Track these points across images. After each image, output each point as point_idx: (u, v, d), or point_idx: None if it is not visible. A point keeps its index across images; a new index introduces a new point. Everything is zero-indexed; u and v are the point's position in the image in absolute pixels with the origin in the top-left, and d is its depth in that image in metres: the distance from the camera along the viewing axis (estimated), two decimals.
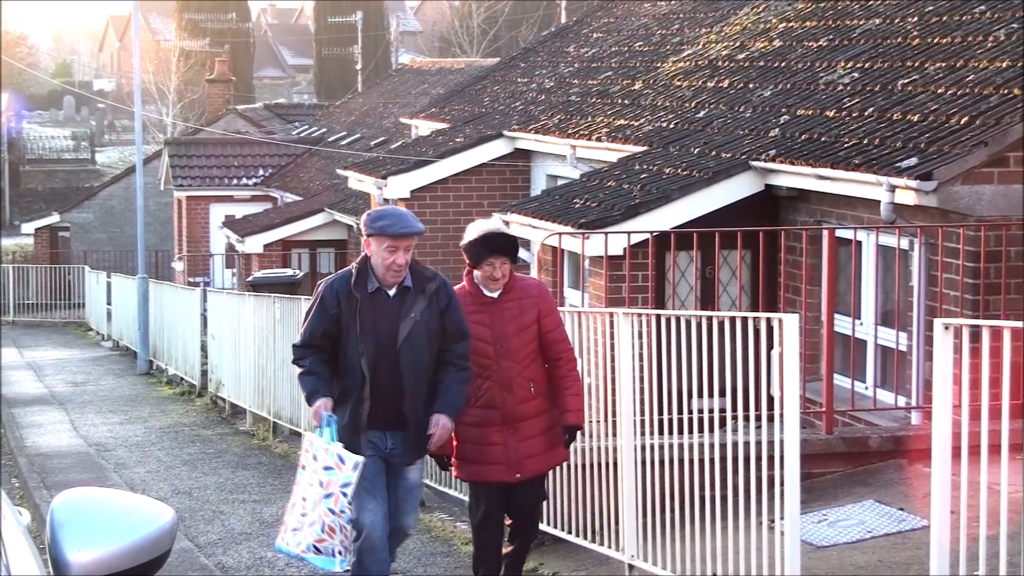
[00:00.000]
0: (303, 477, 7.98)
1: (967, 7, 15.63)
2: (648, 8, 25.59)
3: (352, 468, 7.90)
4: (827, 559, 9.27)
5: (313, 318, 8.26)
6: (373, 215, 8.26)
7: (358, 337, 8.13)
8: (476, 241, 8.69)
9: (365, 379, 8.13)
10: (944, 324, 7.28)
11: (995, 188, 12.21)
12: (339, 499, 7.88)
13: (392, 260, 8.13)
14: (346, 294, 8.20)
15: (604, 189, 16.22)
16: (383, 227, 8.15)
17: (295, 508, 7.98)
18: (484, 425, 8.64)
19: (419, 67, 44.81)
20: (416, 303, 8.24)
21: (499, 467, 8.63)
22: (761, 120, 16.20)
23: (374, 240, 8.16)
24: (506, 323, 8.64)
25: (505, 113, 23.74)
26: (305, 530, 7.89)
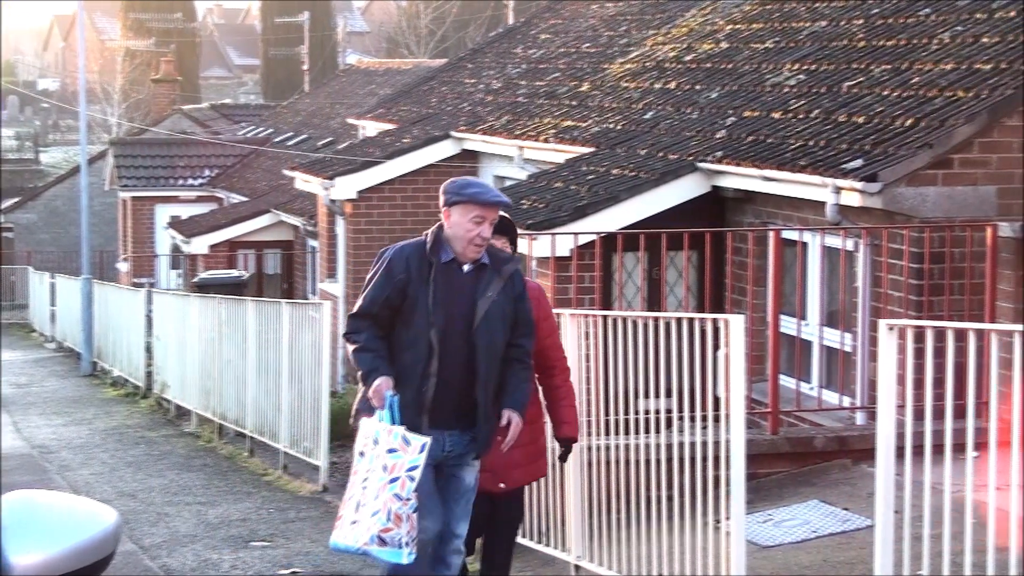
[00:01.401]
0: (362, 464, 7.30)
1: (912, 10, 15.72)
2: (596, 10, 25.62)
3: (419, 450, 7.23)
4: (772, 559, 9.29)
5: (376, 285, 7.53)
6: (459, 183, 7.65)
7: (429, 308, 7.44)
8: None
9: (433, 353, 7.43)
10: (888, 325, 7.32)
11: (939, 190, 12.28)
12: (406, 483, 7.18)
13: (477, 232, 7.47)
14: (418, 260, 7.51)
15: (551, 190, 16.23)
16: (474, 194, 7.52)
17: (351, 500, 7.28)
18: None
19: (366, 68, 44.72)
20: (492, 283, 7.56)
21: (484, 475, 7.93)
22: (708, 121, 16.25)
23: (459, 208, 7.49)
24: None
25: (453, 114, 23.73)
26: (366, 520, 7.16)
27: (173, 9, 74.60)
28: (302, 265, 30.49)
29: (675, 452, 8.61)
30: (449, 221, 7.55)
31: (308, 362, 15.14)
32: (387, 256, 7.63)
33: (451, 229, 7.54)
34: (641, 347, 8.86)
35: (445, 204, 7.57)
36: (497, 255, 7.67)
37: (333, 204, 22.52)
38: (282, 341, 15.86)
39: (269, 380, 16.39)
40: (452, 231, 7.53)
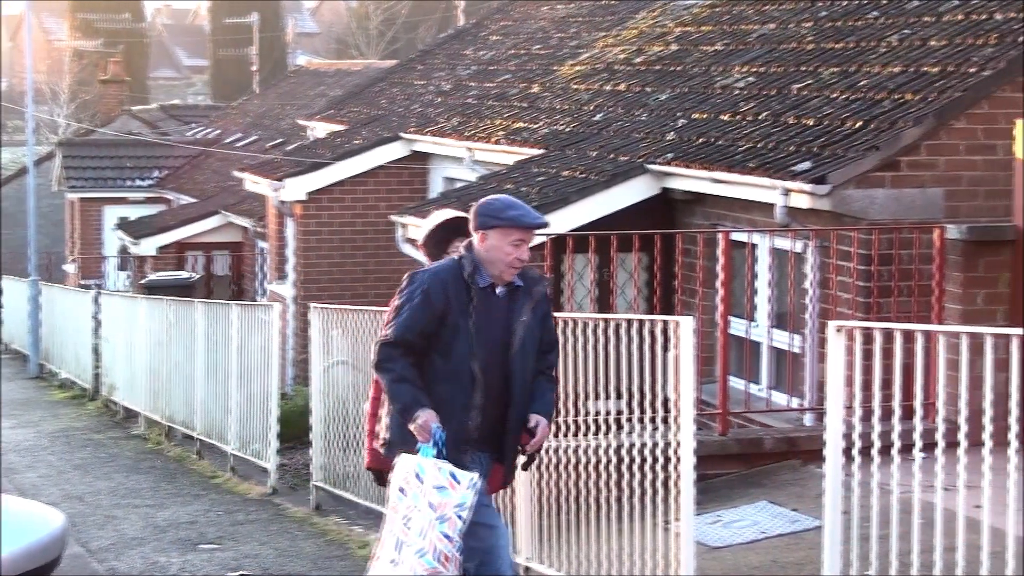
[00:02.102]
0: (404, 502, 6.96)
1: (860, 13, 15.79)
2: (546, 11, 25.64)
3: (468, 487, 6.93)
4: (722, 560, 9.32)
5: (414, 311, 7.18)
6: (496, 205, 7.31)
7: (472, 337, 7.19)
8: (440, 226, 7.90)
9: (476, 384, 7.19)
10: (836, 326, 7.34)
11: (887, 192, 12.35)
12: (455, 522, 6.88)
13: (516, 255, 7.22)
14: (456, 286, 7.22)
15: (502, 192, 16.22)
16: (515, 217, 7.24)
17: (390, 537, 6.98)
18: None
19: (316, 68, 44.62)
20: (524, 305, 7.35)
21: None
22: (658, 123, 16.28)
23: (497, 232, 7.20)
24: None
25: (403, 115, 23.70)
26: (410, 560, 6.86)
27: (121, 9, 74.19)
28: (251, 267, 30.39)
29: (625, 453, 8.61)
30: (485, 244, 7.25)
31: (257, 364, 15.09)
32: (422, 281, 7.28)
33: (488, 252, 7.24)
34: (591, 349, 8.86)
35: (480, 227, 7.26)
36: (528, 275, 7.42)
37: (283, 205, 22.45)
38: (231, 343, 15.80)
39: (218, 382, 16.33)
40: (488, 254, 7.25)
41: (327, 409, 13.36)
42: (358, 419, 12.59)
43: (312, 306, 14.04)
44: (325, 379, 13.43)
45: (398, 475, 7.01)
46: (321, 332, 13.57)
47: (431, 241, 7.90)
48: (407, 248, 17.99)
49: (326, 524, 12.51)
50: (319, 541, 11.79)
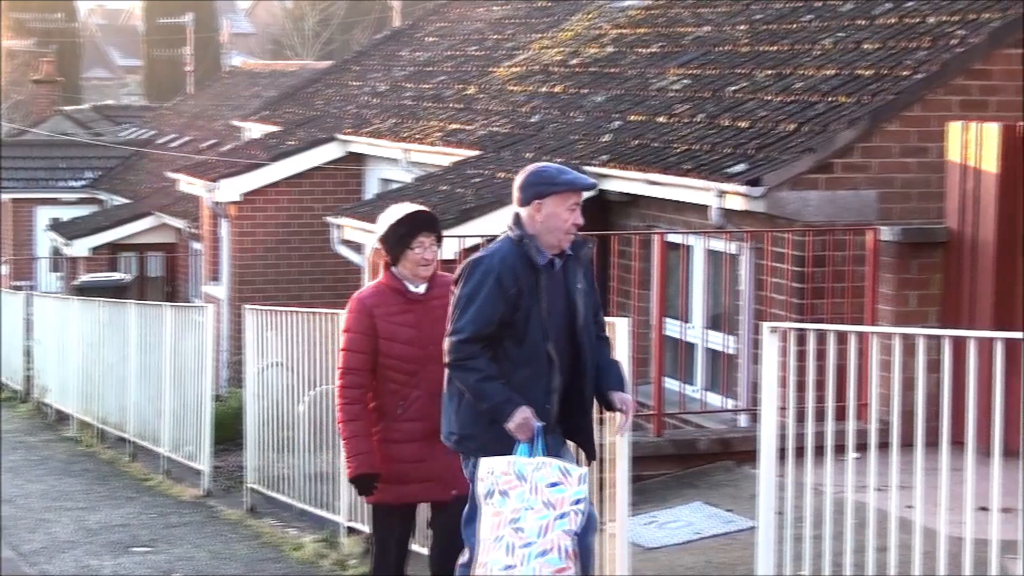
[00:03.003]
0: (507, 506, 6.65)
1: (795, 16, 15.87)
2: (482, 13, 25.64)
3: (579, 481, 6.67)
4: (656, 561, 9.33)
5: (486, 302, 6.85)
6: (549, 171, 7.03)
7: (545, 318, 6.89)
8: (402, 221, 7.60)
9: (554, 367, 6.89)
10: (771, 327, 7.37)
11: (821, 194, 12.41)
12: (576, 518, 6.62)
13: (573, 221, 6.95)
14: (523, 267, 6.90)
15: (437, 193, 16.20)
16: (572, 180, 6.97)
17: (498, 543, 6.65)
18: (411, 440, 7.60)
19: (251, 69, 44.43)
20: (576, 272, 7.08)
21: (431, 484, 7.64)
22: (593, 125, 16.30)
23: (554, 199, 6.90)
24: (434, 324, 7.47)
25: (338, 116, 23.63)
26: (533, 562, 6.53)
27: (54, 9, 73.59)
28: (185, 268, 30.22)
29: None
30: (541, 213, 6.92)
31: (191, 366, 15.00)
32: (489, 268, 6.92)
33: (545, 221, 6.92)
34: None
35: (535, 197, 6.92)
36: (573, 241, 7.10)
37: (217, 206, 22.34)
38: (164, 345, 15.70)
39: (151, 384, 16.22)
40: (547, 223, 6.93)
41: (262, 411, 13.28)
42: (293, 421, 12.54)
43: (246, 307, 13.96)
44: (260, 381, 13.36)
45: (488, 479, 6.74)
46: (256, 334, 13.50)
47: (393, 236, 7.63)
48: (343, 249, 17.94)
49: (260, 526, 12.44)
50: (253, 543, 11.72)
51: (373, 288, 7.76)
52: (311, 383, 12.05)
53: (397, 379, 7.61)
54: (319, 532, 11.47)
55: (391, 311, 7.61)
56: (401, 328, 7.59)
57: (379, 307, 7.63)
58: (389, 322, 7.60)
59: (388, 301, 7.64)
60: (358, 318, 7.67)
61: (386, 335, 7.59)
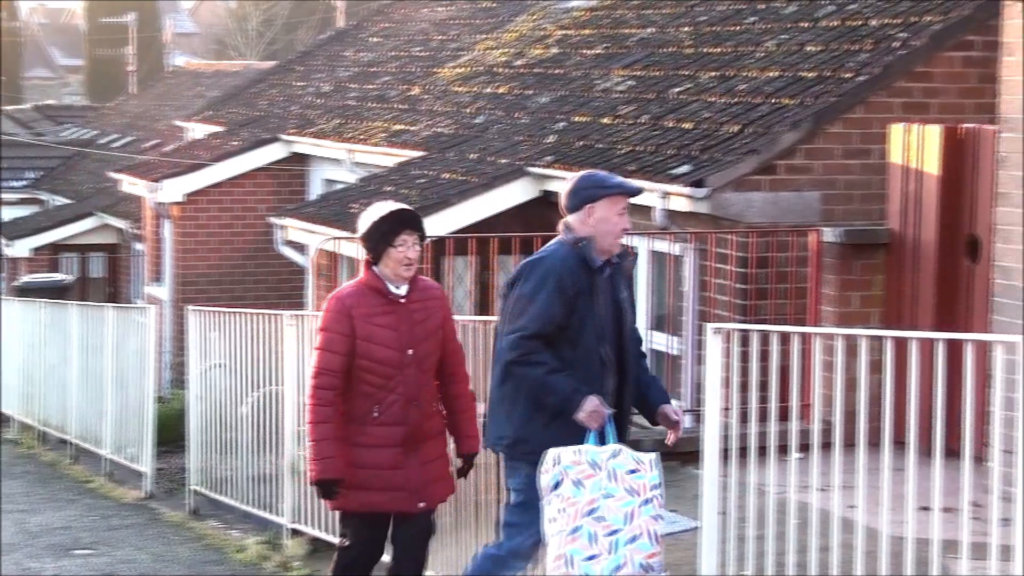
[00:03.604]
0: (582, 496, 6.61)
1: (739, 18, 15.93)
2: (426, 13, 25.60)
3: (652, 466, 6.75)
4: None
5: (546, 302, 6.89)
6: (599, 176, 7.19)
7: (600, 321, 6.97)
8: (385, 218, 7.46)
9: (607, 370, 6.97)
10: (714, 328, 7.39)
11: (765, 195, 12.45)
12: (658, 502, 6.68)
13: (623, 225, 7.08)
14: (580, 269, 6.97)
15: (382, 194, 16.16)
16: (621, 184, 7.15)
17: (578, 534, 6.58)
18: (384, 446, 7.43)
19: (195, 69, 44.22)
20: (620, 281, 7.17)
21: (400, 494, 7.48)
22: (538, 126, 16.31)
23: (605, 203, 7.04)
24: (414, 327, 7.47)
25: (282, 117, 23.54)
26: (622, 549, 6.54)
27: None
28: (128, 269, 30.04)
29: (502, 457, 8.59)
30: (592, 218, 7.05)
31: (133, 367, 14.92)
32: (550, 269, 6.99)
33: (596, 226, 7.04)
34: (471, 351, 8.84)
35: (587, 201, 7.06)
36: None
37: (160, 207, 22.23)
38: (106, 346, 15.61)
39: (93, 385, 16.12)
40: (598, 227, 7.04)
41: (204, 412, 13.23)
42: (236, 422, 12.49)
43: (189, 308, 13.90)
44: (203, 382, 13.31)
45: (555, 469, 6.69)
46: (199, 335, 13.44)
47: (376, 234, 7.48)
48: (286, 250, 17.88)
49: (203, 528, 12.39)
50: (196, 545, 11.67)
51: (353, 287, 7.56)
52: (254, 384, 12.01)
53: (373, 382, 7.42)
54: (262, 534, 11.43)
55: (371, 312, 7.43)
56: (380, 330, 7.41)
57: (358, 307, 7.45)
58: (368, 323, 7.42)
59: (368, 301, 7.46)
60: (336, 317, 7.46)
61: (364, 336, 7.40)
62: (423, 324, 7.49)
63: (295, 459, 11.01)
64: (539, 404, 6.95)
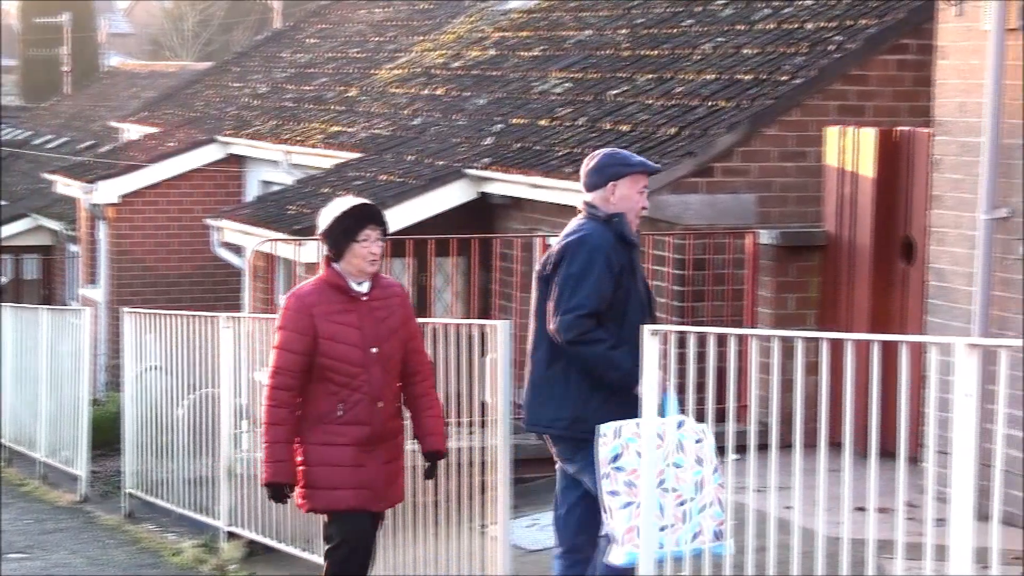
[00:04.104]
0: (649, 467, 6.60)
1: (676, 21, 15.98)
2: (363, 15, 25.56)
3: (705, 432, 6.80)
4: (538, 563, 9.34)
5: (600, 279, 6.94)
6: (621, 154, 7.30)
7: (643, 297, 7.10)
8: (348, 213, 7.28)
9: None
10: (651, 330, 7.40)
11: (702, 197, 12.50)
12: (722, 468, 6.77)
13: (642, 203, 7.19)
14: (621, 246, 7.06)
15: (319, 195, 16.11)
16: (643, 162, 7.27)
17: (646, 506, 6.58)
18: (347, 444, 7.26)
19: (130, 70, 43.99)
20: (638, 258, 7.29)
21: (364, 492, 7.30)
22: (475, 128, 16.31)
23: (627, 180, 7.14)
24: (377, 324, 7.31)
25: (218, 118, 23.45)
26: (696, 518, 6.61)
27: None
28: (62, 271, 29.83)
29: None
30: (615, 195, 7.14)
31: (68, 369, 14.82)
32: (596, 246, 7.02)
33: (619, 203, 7.13)
34: None
35: (611, 178, 7.14)
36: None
37: (95, 208, 22.08)
38: (40, 348, 15.50)
39: (27, 388, 16.01)
40: (620, 205, 7.13)
41: (140, 415, 13.16)
42: (172, 425, 12.43)
43: (125, 310, 13.82)
44: (138, 385, 13.24)
45: (614, 442, 6.67)
46: (134, 337, 13.37)
47: (337, 229, 7.28)
48: (223, 252, 17.79)
49: (139, 531, 12.31)
50: (131, 549, 11.60)
51: (312, 285, 7.36)
52: (191, 387, 11.96)
53: (337, 381, 7.24)
54: (199, 537, 11.38)
55: (332, 310, 7.26)
56: (343, 328, 7.25)
57: (319, 305, 7.26)
58: (331, 322, 7.24)
59: (329, 299, 7.28)
60: (296, 316, 7.28)
61: (327, 335, 7.23)
62: (386, 322, 7.34)
63: (231, 461, 10.97)
64: (596, 382, 6.93)
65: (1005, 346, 5.64)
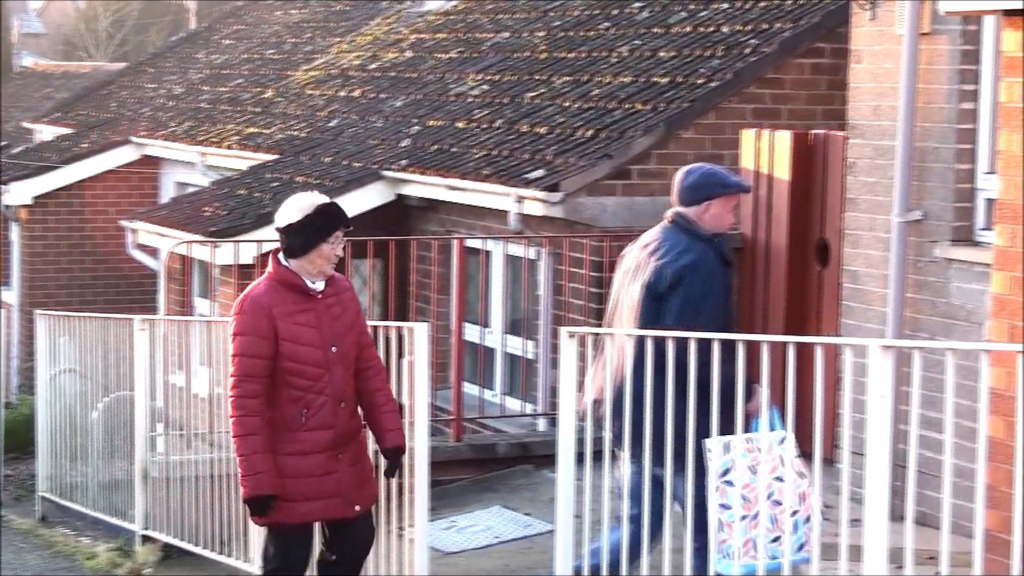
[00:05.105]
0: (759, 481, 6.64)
1: (592, 23, 16.02)
2: (280, 16, 25.44)
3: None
4: (455, 565, 9.35)
5: (715, 302, 7.24)
6: (718, 172, 7.49)
7: (731, 304, 7.48)
8: (320, 211, 7.01)
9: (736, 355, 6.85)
10: (569, 332, 7.43)
11: (619, 200, 12.54)
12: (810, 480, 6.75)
13: (731, 221, 7.47)
14: (720, 263, 7.36)
15: (235, 197, 16.04)
16: (739, 182, 7.56)
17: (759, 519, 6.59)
18: (313, 452, 6.97)
19: (43, 70, 43.53)
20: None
21: (335, 501, 7.03)
22: (393, 130, 16.28)
23: (722, 200, 7.35)
24: (333, 322, 7.03)
25: (133, 119, 23.26)
26: (802, 528, 6.66)
27: None
28: None
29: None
30: (708, 213, 7.33)
31: None
32: (711, 271, 7.28)
33: (711, 220, 7.35)
34: None
35: (707, 197, 7.32)
36: None
37: (7, 210, 21.84)
38: None
39: None
40: (712, 222, 7.35)
41: (54, 418, 13.03)
42: (86, 428, 12.32)
43: (38, 313, 13.69)
44: (52, 388, 13.11)
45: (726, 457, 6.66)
46: (48, 339, 13.24)
47: (309, 228, 6.99)
48: (137, 254, 17.66)
49: (53, 536, 12.19)
50: (45, 553, 11.49)
51: (265, 285, 7.04)
52: (105, 390, 11.86)
53: (300, 385, 6.95)
54: (113, 541, 11.28)
55: (290, 310, 6.96)
56: (303, 329, 6.95)
57: (277, 306, 6.95)
58: (290, 323, 6.94)
59: (285, 300, 6.97)
60: (254, 320, 6.94)
61: (288, 337, 6.92)
62: (341, 319, 7.09)
63: (146, 465, 10.90)
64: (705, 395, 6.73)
65: (919, 348, 5.69)
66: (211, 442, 9.59)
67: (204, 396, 10.58)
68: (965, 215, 9.27)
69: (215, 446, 9.86)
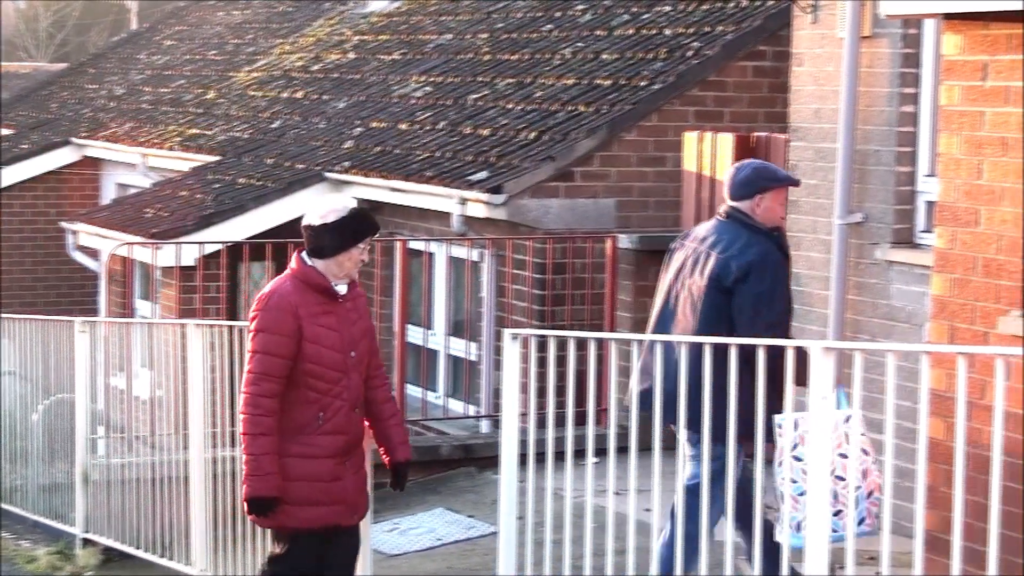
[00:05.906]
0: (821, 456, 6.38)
1: (535, 25, 16.04)
2: (222, 17, 25.34)
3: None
4: (398, 568, 9.33)
5: (784, 293, 7.49)
6: (770, 166, 7.77)
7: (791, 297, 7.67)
8: (356, 216, 6.88)
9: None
10: (512, 334, 7.42)
11: (562, 202, 12.56)
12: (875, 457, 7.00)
13: (782, 214, 7.68)
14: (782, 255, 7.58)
15: (177, 199, 15.96)
16: (789, 176, 7.81)
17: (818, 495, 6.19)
18: (328, 456, 6.78)
19: None
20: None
21: (340, 507, 6.86)
22: (335, 131, 16.24)
23: (773, 193, 7.55)
24: (351, 327, 6.85)
25: (74, 120, 23.11)
26: (863, 503, 6.86)
27: None
28: None
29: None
30: (761, 207, 7.51)
31: None
32: (778, 264, 7.47)
33: (764, 214, 7.52)
34: None
35: (760, 191, 7.49)
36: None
37: None
38: None
39: None
40: (764, 215, 7.53)
41: None
42: (26, 431, 12.23)
43: None
44: None
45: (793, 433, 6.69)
46: None
47: (346, 230, 6.82)
48: (78, 255, 17.55)
49: None
50: None
51: (290, 284, 6.79)
52: (45, 392, 11.78)
53: (319, 388, 6.75)
54: (54, 544, 11.20)
55: (314, 312, 6.74)
56: (326, 331, 6.75)
57: (303, 306, 6.73)
58: (314, 324, 6.73)
59: (310, 300, 6.75)
60: (280, 317, 6.70)
61: (312, 338, 6.71)
62: (358, 324, 6.91)
63: (87, 467, 10.83)
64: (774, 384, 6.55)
65: (860, 349, 5.72)
66: (152, 444, 9.54)
67: (145, 399, 10.53)
68: (906, 217, 9.34)
69: (156, 448, 9.81)
